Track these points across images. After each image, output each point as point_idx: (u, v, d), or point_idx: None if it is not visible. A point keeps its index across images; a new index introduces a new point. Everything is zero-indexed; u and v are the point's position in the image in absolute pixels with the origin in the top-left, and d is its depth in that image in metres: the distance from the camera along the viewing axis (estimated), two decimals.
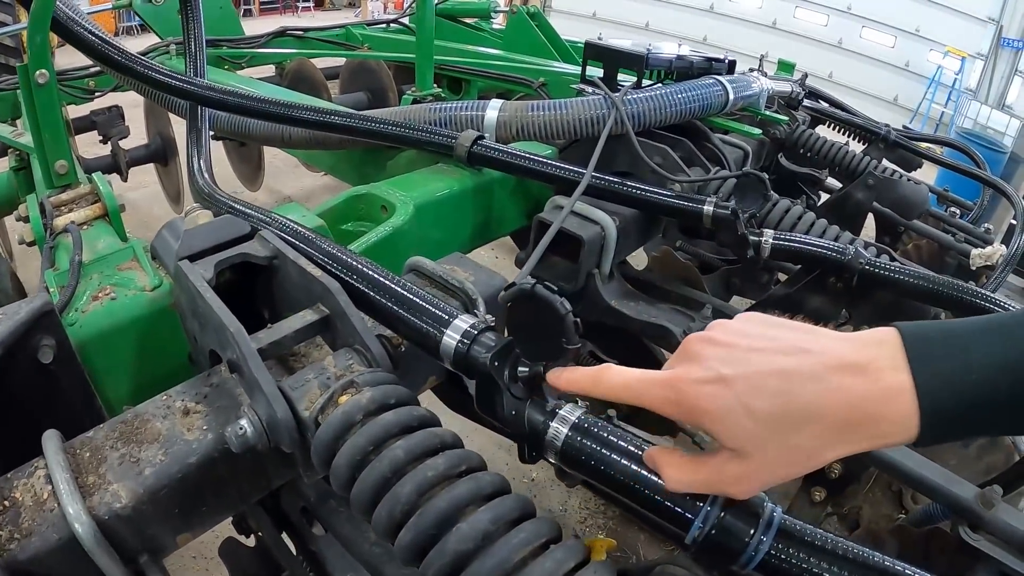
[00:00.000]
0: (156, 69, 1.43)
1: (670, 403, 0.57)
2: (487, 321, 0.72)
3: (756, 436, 0.54)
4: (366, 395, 0.67)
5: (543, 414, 0.67)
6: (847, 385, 0.52)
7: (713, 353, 0.57)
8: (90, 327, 1.03)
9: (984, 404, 0.50)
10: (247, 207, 1.08)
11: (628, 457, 0.63)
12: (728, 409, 0.54)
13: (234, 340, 0.73)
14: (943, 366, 0.51)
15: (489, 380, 0.66)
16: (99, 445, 0.78)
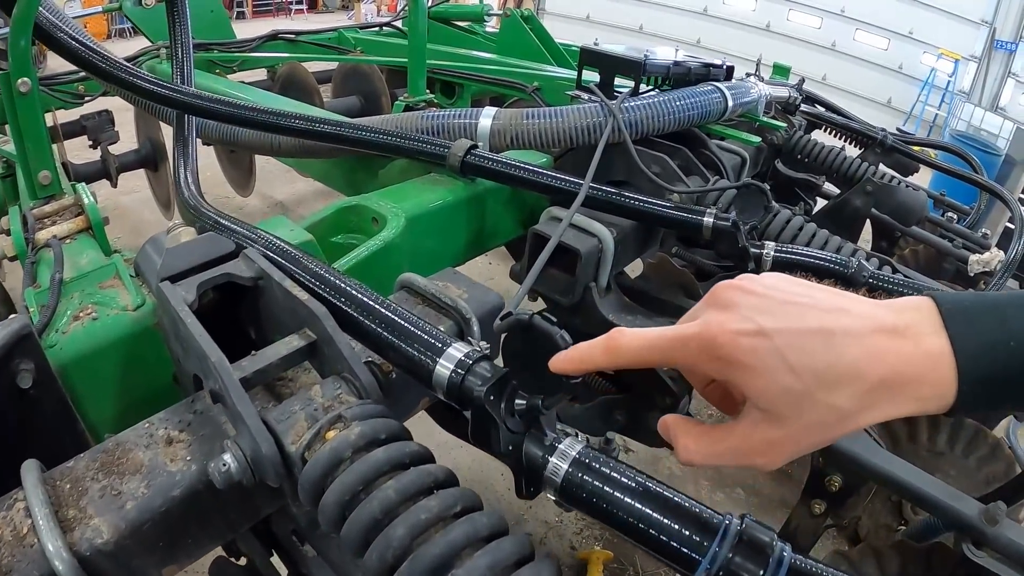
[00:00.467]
0: (141, 76, 1.39)
1: (705, 353, 0.53)
2: (482, 350, 0.69)
3: (794, 395, 0.50)
4: (355, 430, 0.64)
5: (541, 449, 0.63)
6: (888, 347, 0.50)
7: (749, 302, 0.53)
8: (71, 349, 0.98)
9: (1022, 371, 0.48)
10: (232, 222, 1.04)
11: (632, 494, 0.60)
12: (769, 364, 0.50)
13: (216, 370, 0.69)
14: (982, 331, 0.49)
15: (484, 413, 0.63)
16: (80, 476, 0.75)
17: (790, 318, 0.52)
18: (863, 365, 0.50)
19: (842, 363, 0.50)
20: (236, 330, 1.00)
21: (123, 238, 4.26)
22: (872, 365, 0.50)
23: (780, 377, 0.50)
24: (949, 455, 2.01)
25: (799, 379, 0.50)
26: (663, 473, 2.87)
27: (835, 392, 0.50)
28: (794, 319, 0.51)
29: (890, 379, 0.49)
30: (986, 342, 0.49)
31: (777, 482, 2.87)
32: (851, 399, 0.50)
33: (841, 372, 0.50)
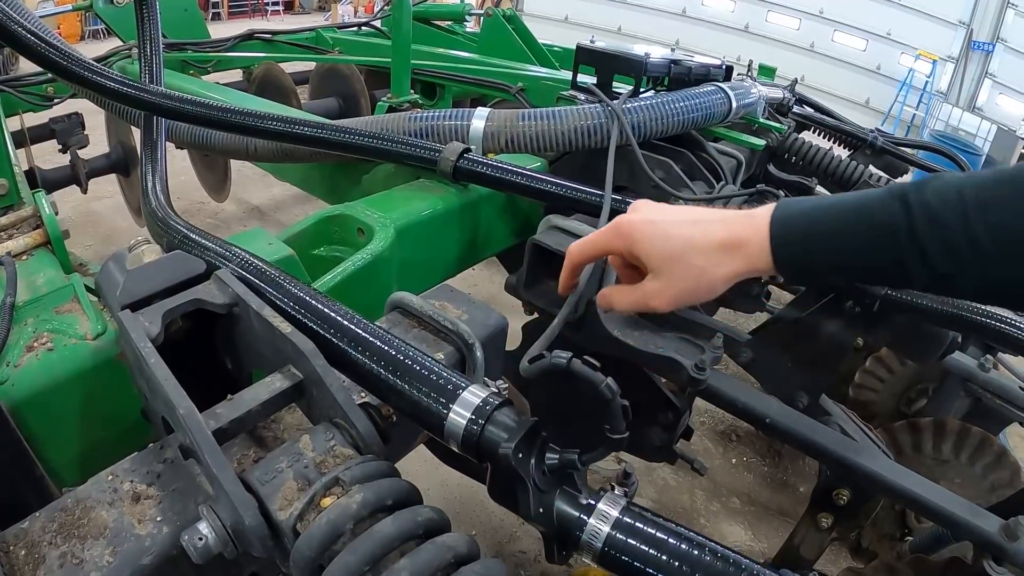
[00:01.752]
0: (105, 75, 1.27)
1: (619, 237, 0.82)
2: (501, 393, 0.59)
3: (668, 257, 0.78)
4: (356, 497, 0.53)
5: (577, 509, 0.54)
6: (731, 225, 0.76)
7: (646, 208, 0.84)
8: (24, 386, 0.86)
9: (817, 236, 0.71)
10: (203, 237, 0.93)
11: (686, 562, 0.50)
12: (652, 237, 0.79)
13: (185, 424, 0.58)
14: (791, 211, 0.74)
15: (510, 470, 0.53)
16: (36, 540, 0.64)
17: (672, 214, 0.82)
18: (712, 236, 0.76)
19: (699, 237, 0.77)
20: (211, 359, 0.89)
21: (93, 246, 4.11)
22: (722, 235, 0.76)
23: (660, 244, 0.79)
24: (954, 463, 1.97)
25: (672, 244, 0.78)
26: (658, 484, 2.80)
27: (695, 256, 0.77)
28: (672, 215, 0.81)
29: (729, 242, 0.75)
30: (792, 213, 0.73)
31: (774, 491, 2.83)
32: (706, 258, 0.76)
33: (699, 241, 0.76)
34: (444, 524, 0.54)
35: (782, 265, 0.73)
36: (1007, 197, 0.60)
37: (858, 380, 2.46)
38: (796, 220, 0.72)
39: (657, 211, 0.82)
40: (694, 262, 0.76)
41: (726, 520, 2.67)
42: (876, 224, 0.66)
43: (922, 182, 0.67)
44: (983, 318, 1.36)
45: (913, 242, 0.64)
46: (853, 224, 0.68)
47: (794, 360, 1.49)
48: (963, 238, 0.61)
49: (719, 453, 3.03)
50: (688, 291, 0.78)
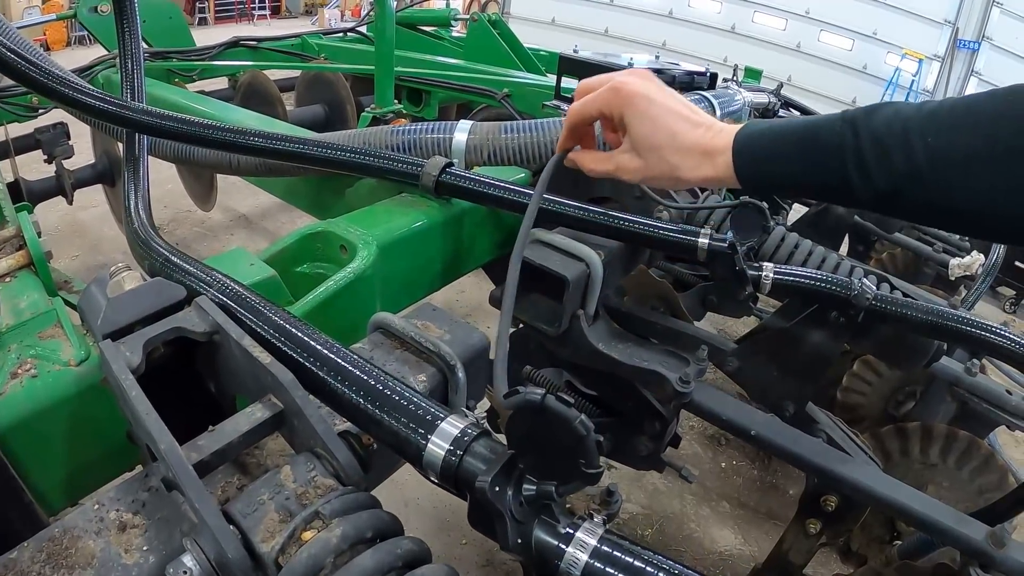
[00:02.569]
0: (85, 91, 1.26)
1: (615, 97, 0.87)
2: (480, 424, 0.59)
3: (652, 145, 0.85)
4: (336, 532, 0.53)
5: (556, 537, 0.54)
6: (707, 135, 0.84)
7: (645, 81, 0.87)
8: (8, 414, 0.86)
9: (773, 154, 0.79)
10: (184, 260, 0.93)
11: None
12: (644, 115, 0.85)
13: (167, 458, 0.58)
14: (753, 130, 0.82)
15: (487, 502, 0.53)
16: (24, 570, 0.63)
17: (668, 100, 0.86)
18: (694, 138, 0.83)
19: (684, 136, 0.84)
20: (194, 383, 0.89)
21: (81, 256, 4.09)
22: (700, 140, 0.83)
23: (648, 126, 0.85)
24: (942, 467, 1.98)
25: (658, 133, 0.85)
26: (647, 489, 2.82)
27: (673, 153, 0.84)
28: (670, 101, 0.86)
29: (706, 147, 0.83)
30: (753, 131, 0.81)
31: (763, 494, 2.85)
32: (682, 157, 0.84)
33: (681, 139, 0.84)
34: (424, 555, 0.54)
35: (742, 178, 0.81)
36: (946, 125, 0.65)
37: (846, 383, 2.47)
38: (757, 138, 0.80)
39: (654, 88, 0.87)
40: (671, 159, 0.84)
41: (716, 524, 2.68)
42: (825, 145, 0.73)
43: (873, 108, 0.72)
44: (968, 328, 1.36)
45: (858, 163, 0.70)
46: (807, 144, 0.75)
47: (780, 369, 1.50)
48: (902, 161, 0.67)
49: (708, 457, 3.04)
50: (658, 179, 0.87)
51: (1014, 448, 3.22)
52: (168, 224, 4.58)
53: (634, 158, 0.88)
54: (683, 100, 0.88)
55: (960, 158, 0.64)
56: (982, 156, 0.62)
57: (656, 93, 0.86)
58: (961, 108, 0.66)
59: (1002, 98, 0.63)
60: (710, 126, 0.84)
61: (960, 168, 0.64)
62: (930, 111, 0.67)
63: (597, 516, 0.56)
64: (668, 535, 2.61)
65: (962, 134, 0.64)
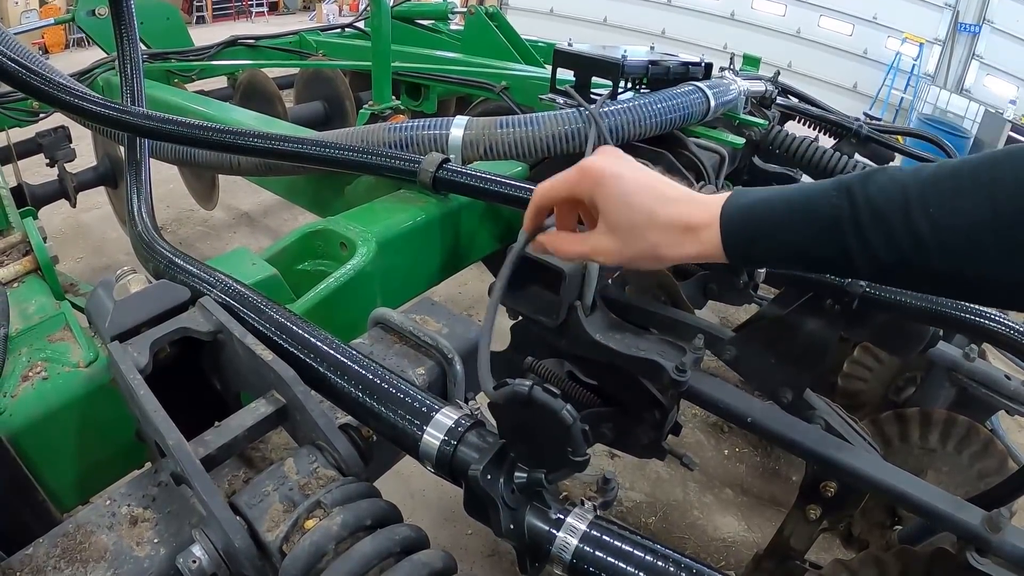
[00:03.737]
0: (87, 98, 1.29)
1: (584, 180, 0.82)
2: (474, 414, 0.62)
3: (629, 225, 0.79)
4: (336, 520, 0.56)
5: (547, 523, 0.57)
6: (690, 209, 0.78)
7: (613, 159, 0.82)
8: (21, 415, 0.89)
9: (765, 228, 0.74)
10: (187, 262, 0.95)
11: (651, 572, 0.53)
12: (616, 195, 0.79)
13: (175, 454, 0.61)
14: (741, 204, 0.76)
15: (481, 490, 0.56)
16: (40, 565, 0.67)
17: (639, 176, 0.81)
18: (673, 214, 0.78)
19: (662, 213, 0.78)
20: (201, 381, 0.91)
21: (85, 258, 4.11)
22: (679, 216, 0.77)
23: (622, 207, 0.79)
24: (941, 452, 1.98)
25: (633, 214, 0.79)
26: (651, 477, 2.84)
27: (652, 232, 0.78)
28: (642, 177, 0.81)
29: (686, 225, 0.77)
30: (743, 203, 0.75)
31: (766, 481, 2.86)
32: (662, 235, 0.78)
33: (658, 217, 0.78)
34: (422, 541, 0.57)
35: (732, 254, 0.76)
36: (947, 193, 0.63)
37: (846, 370, 2.47)
38: (746, 211, 0.75)
39: (624, 165, 0.82)
40: (650, 237, 0.78)
41: (719, 511, 2.69)
42: (822, 217, 0.69)
43: (868, 175, 0.68)
44: (964, 314, 1.38)
45: (857, 235, 0.67)
46: (800, 216, 0.71)
47: (777, 357, 1.51)
48: (904, 232, 0.64)
49: (711, 445, 3.06)
50: (637, 260, 0.82)
51: (1017, 433, 3.22)
52: (171, 224, 4.60)
53: (611, 239, 0.81)
54: (657, 175, 0.83)
55: (965, 227, 0.62)
56: (987, 224, 0.61)
57: (628, 170, 0.81)
58: (962, 173, 0.63)
59: (1001, 161, 0.62)
60: (690, 200, 0.79)
61: (965, 237, 0.62)
62: (929, 177, 0.64)
63: (588, 503, 0.58)
64: (671, 523, 2.62)
65: (964, 201, 0.62)
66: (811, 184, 0.73)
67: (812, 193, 0.71)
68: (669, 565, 0.53)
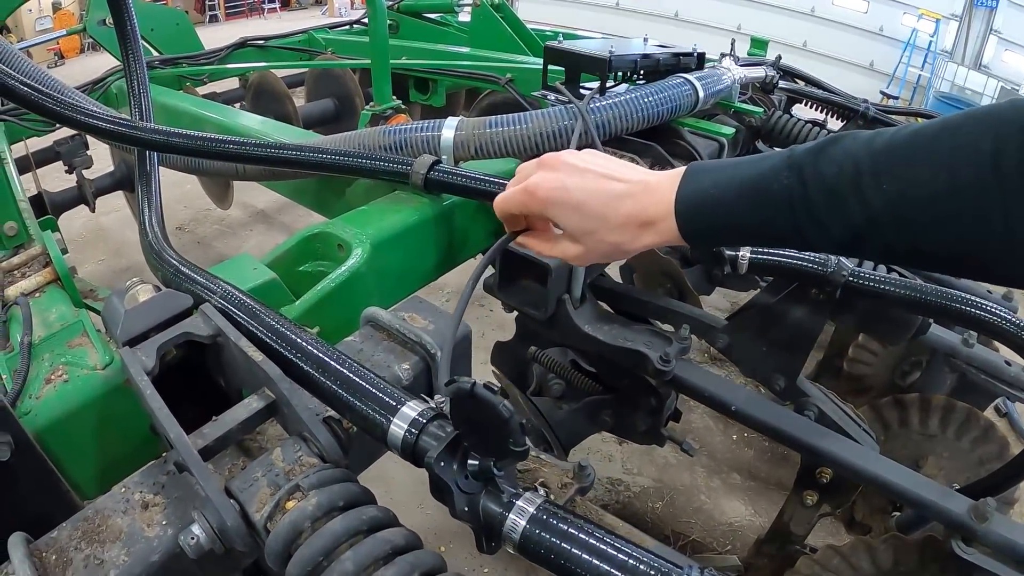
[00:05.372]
0: (97, 116, 1.36)
1: (531, 200, 0.83)
2: (437, 408, 0.69)
3: (584, 230, 0.81)
4: (312, 501, 0.64)
5: (500, 505, 0.63)
6: (643, 199, 0.77)
7: (564, 167, 0.82)
8: (45, 415, 0.98)
9: (719, 215, 0.73)
10: (192, 270, 1.03)
11: (590, 552, 0.59)
12: (564, 205, 0.81)
13: (175, 446, 0.69)
14: (696, 187, 0.75)
15: (434, 473, 0.63)
16: (64, 546, 0.76)
17: (586, 181, 0.80)
18: (626, 213, 0.78)
19: (613, 215, 0.78)
20: (207, 379, 0.99)
21: (106, 260, 4.23)
22: (633, 212, 0.77)
23: (575, 217, 0.81)
24: (941, 437, 1.98)
25: (587, 221, 0.80)
26: (658, 463, 2.87)
27: (608, 232, 0.79)
28: (589, 181, 0.80)
29: (642, 219, 0.77)
30: (695, 191, 0.74)
31: (773, 465, 2.88)
32: (620, 235, 0.79)
33: (612, 219, 0.78)
34: (388, 521, 0.65)
35: (690, 240, 0.77)
36: (901, 164, 0.61)
37: (852, 354, 2.47)
38: (699, 199, 0.74)
39: (567, 176, 0.81)
40: (609, 238, 0.79)
41: (726, 496, 2.72)
42: (773, 199, 0.68)
43: (821, 148, 0.67)
44: (947, 302, 1.39)
45: (809, 214, 0.66)
46: (752, 199, 0.70)
47: (769, 344, 1.55)
48: (857, 209, 0.63)
49: (719, 430, 3.08)
50: (603, 257, 0.84)
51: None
52: (189, 223, 4.71)
53: (574, 244, 0.83)
54: (604, 166, 0.81)
55: (922, 199, 0.59)
56: (943, 194, 0.58)
57: (571, 179, 0.80)
58: (917, 142, 0.61)
59: (958, 128, 0.59)
60: (643, 190, 0.78)
61: (922, 209, 0.60)
62: (884, 147, 0.62)
63: (541, 489, 0.65)
64: (678, 507, 2.66)
65: (920, 172, 0.59)
66: (764, 159, 0.71)
67: (764, 173, 0.70)
68: (608, 546, 0.60)
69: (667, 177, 0.77)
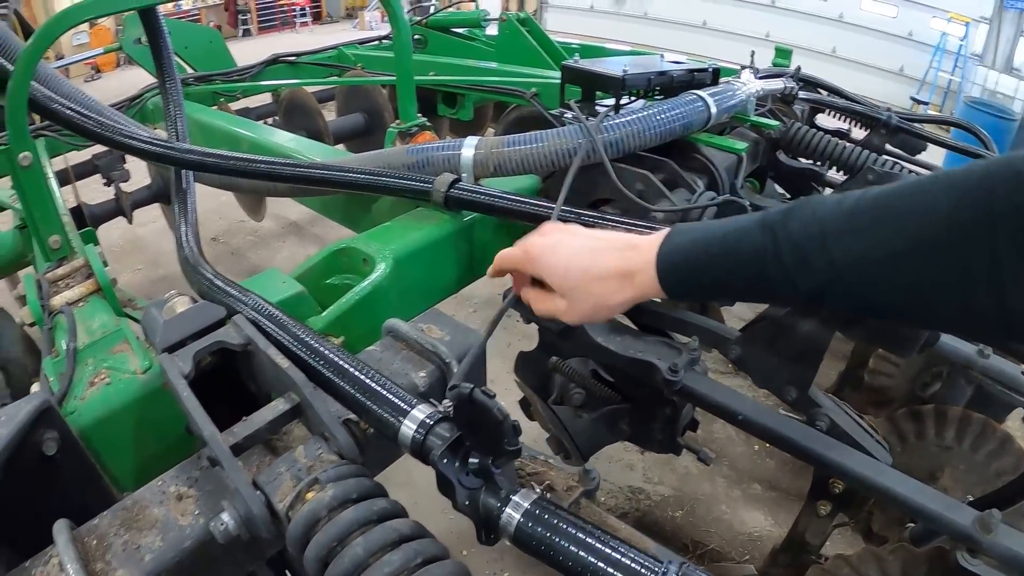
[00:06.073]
0: (136, 137, 1.47)
1: (527, 259, 0.93)
2: (444, 411, 0.75)
3: (570, 286, 0.88)
4: (328, 493, 0.72)
5: (498, 500, 0.70)
6: (624, 256, 0.85)
7: (551, 235, 0.93)
8: (89, 414, 1.08)
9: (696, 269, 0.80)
10: (226, 283, 1.12)
11: (578, 545, 0.66)
12: (554, 265, 0.89)
13: (209, 442, 0.77)
14: (677, 243, 0.82)
15: (438, 470, 0.70)
16: (104, 533, 0.83)
17: (575, 240, 0.91)
18: (609, 266, 0.85)
19: (595, 269, 0.86)
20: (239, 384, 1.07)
21: (143, 270, 4.38)
22: (616, 266, 0.85)
23: (562, 275, 0.89)
24: (957, 450, 1.97)
25: (571, 276, 0.88)
26: (679, 472, 2.89)
27: (592, 285, 0.86)
28: (577, 241, 0.90)
29: (622, 273, 0.84)
30: (675, 247, 0.81)
31: (794, 476, 2.86)
32: (602, 287, 0.86)
33: (595, 272, 0.86)
34: (397, 512, 0.72)
35: (670, 292, 0.83)
36: (864, 226, 0.65)
37: (872, 366, 2.45)
38: (679, 255, 0.81)
39: (560, 236, 0.92)
40: (592, 290, 0.86)
41: (746, 506, 2.72)
42: (748, 255, 0.74)
43: (790, 210, 0.73)
44: None
45: (779, 270, 0.71)
46: (729, 255, 0.76)
47: (780, 356, 1.57)
48: (823, 266, 0.67)
49: (741, 440, 3.07)
50: (589, 313, 0.89)
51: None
52: (223, 235, 4.85)
53: (563, 301, 0.90)
54: (594, 236, 0.91)
55: (880, 258, 0.64)
56: (900, 253, 0.62)
57: (562, 243, 0.90)
58: (879, 204, 0.65)
59: (915, 189, 0.63)
60: (625, 247, 0.86)
61: (880, 268, 0.64)
62: (848, 209, 0.67)
63: (537, 487, 0.71)
64: (698, 516, 2.67)
65: (880, 232, 0.64)
66: (740, 219, 0.79)
67: (739, 231, 0.76)
68: (595, 540, 0.66)
69: (652, 237, 0.84)
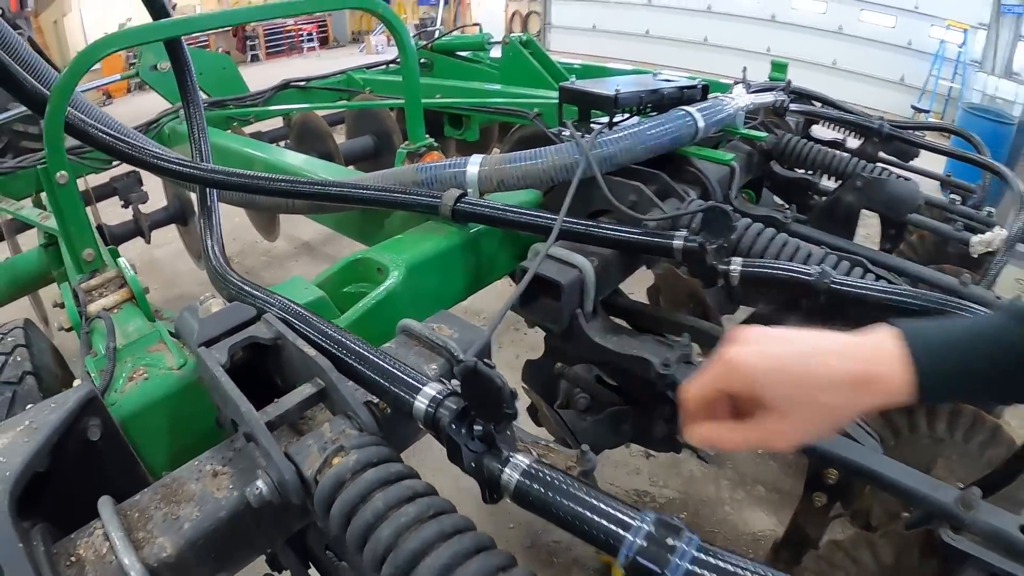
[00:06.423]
0: (165, 158, 1.59)
1: (732, 373, 0.76)
2: (452, 388, 0.86)
3: (797, 399, 0.72)
4: (352, 457, 0.83)
5: (499, 462, 0.80)
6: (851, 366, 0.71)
7: (756, 335, 0.77)
8: (128, 406, 1.19)
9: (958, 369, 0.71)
10: (253, 288, 1.24)
11: (569, 498, 0.76)
12: (770, 371, 0.73)
13: (247, 418, 0.89)
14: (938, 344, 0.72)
15: (451, 437, 0.80)
16: (145, 506, 0.94)
17: (793, 346, 0.74)
18: (837, 372, 0.71)
19: (824, 373, 0.72)
20: (265, 378, 1.18)
21: (159, 289, 4.48)
22: (852, 370, 0.71)
23: (788, 385, 0.72)
24: (950, 441, 2.02)
25: (795, 384, 0.72)
26: (684, 475, 2.95)
27: (821, 394, 0.72)
28: (785, 346, 0.74)
29: (860, 379, 0.71)
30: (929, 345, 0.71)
31: (797, 478, 2.89)
32: (833, 397, 0.72)
33: (823, 380, 0.71)
34: (411, 474, 0.83)
35: (928, 395, 0.72)
36: None
37: None
38: (936, 352, 0.71)
39: (768, 341, 0.76)
40: (822, 400, 0.72)
41: (750, 508, 2.77)
42: (1008, 350, 0.70)
43: None
44: (931, 304, 1.43)
45: None
46: (989, 352, 0.71)
47: None
48: None
49: None
50: (816, 430, 0.75)
51: None
52: (237, 255, 4.96)
53: (784, 422, 0.74)
54: (804, 335, 0.76)
55: None
56: None
57: (770, 344, 0.75)
58: None
59: None
60: (844, 352, 0.73)
61: None
62: None
63: (533, 452, 0.82)
64: (702, 518, 2.73)
65: None
66: (982, 317, 0.77)
67: (993, 326, 0.72)
68: (586, 495, 0.75)
69: (874, 337, 0.74)
